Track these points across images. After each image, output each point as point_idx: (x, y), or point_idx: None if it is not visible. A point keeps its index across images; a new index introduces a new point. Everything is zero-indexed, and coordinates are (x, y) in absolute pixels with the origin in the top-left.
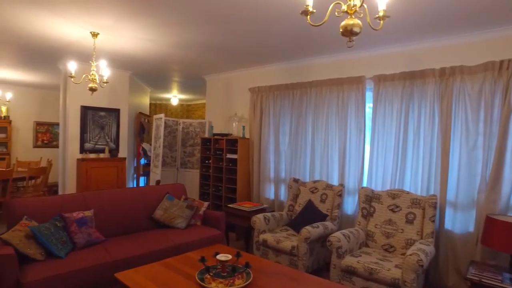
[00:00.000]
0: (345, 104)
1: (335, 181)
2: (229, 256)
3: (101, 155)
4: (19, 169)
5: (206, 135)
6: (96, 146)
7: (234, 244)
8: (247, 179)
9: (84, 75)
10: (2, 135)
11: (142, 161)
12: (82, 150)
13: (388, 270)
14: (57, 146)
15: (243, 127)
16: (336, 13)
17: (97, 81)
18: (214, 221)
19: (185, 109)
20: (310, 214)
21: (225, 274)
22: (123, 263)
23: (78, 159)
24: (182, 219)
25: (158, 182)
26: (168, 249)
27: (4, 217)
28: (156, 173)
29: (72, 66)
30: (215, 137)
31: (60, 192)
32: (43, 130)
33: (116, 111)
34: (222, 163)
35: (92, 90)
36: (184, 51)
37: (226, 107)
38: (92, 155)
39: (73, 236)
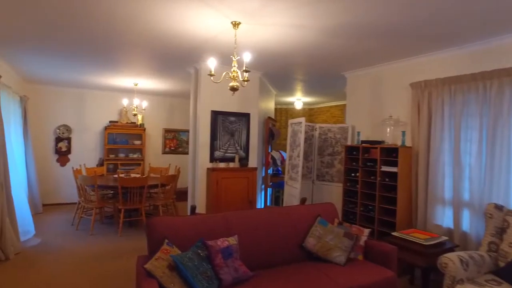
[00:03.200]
0: None
1: None
2: None
3: (231, 164)
4: (152, 174)
5: (349, 143)
6: (226, 154)
7: (398, 284)
8: (408, 198)
9: (224, 73)
10: (138, 142)
11: (270, 170)
12: (212, 158)
13: None
14: (182, 153)
15: (403, 132)
16: None
17: (240, 79)
18: (380, 256)
19: (307, 114)
20: None
21: None
22: None
23: (208, 169)
24: (341, 252)
25: (303, 200)
26: None
27: (144, 233)
28: (293, 187)
29: (211, 63)
30: (364, 145)
31: (190, 202)
32: (171, 137)
33: (246, 116)
34: (375, 177)
35: (234, 89)
36: (334, 39)
37: (375, 109)
38: (222, 164)
39: (218, 271)
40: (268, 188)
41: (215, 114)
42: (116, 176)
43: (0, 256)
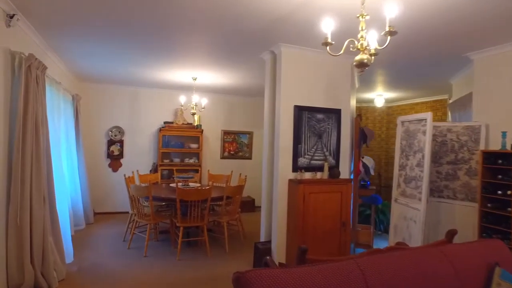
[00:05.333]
0: None
1: None
2: None
3: (318, 175)
4: (211, 183)
5: (483, 147)
6: (312, 161)
7: None
8: None
9: (348, 40)
10: (194, 145)
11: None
12: (296, 167)
13: None
14: (242, 157)
15: None
16: None
17: (372, 51)
18: None
19: (385, 113)
20: None
21: None
22: None
23: (290, 180)
24: None
25: (452, 234)
26: None
27: None
28: (412, 208)
29: (327, 25)
30: None
31: (264, 223)
32: (230, 140)
33: (337, 113)
34: None
35: (363, 65)
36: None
37: None
38: (308, 175)
39: None
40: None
41: (299, 111)
42: (173, 185)
43: (42, 285)
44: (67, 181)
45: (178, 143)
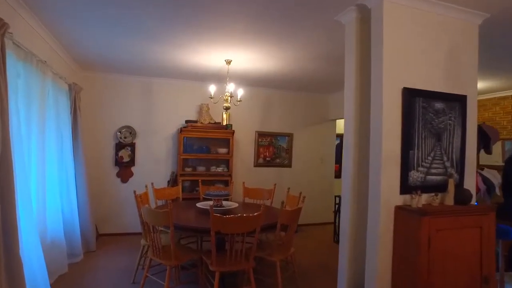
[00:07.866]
0: None
1: None
2: None
3: (439, 197)
4: (246, 199)
5: None
6: (428, 176)
7: None
8: None
9: None
10: (224, 150)
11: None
12: (406, 186)
13: None
14: (280, 165)
15: None
16: None
17: None
18: None
19: None
20: None
21: None
22: None
23: (399, 209)
24: None
25: None
26: None
27: None
28: None
29: None
30: None
31: (344, 276)
32: (266, 143)
33: (461, 101)
34: None
35: None
36: None
37: None
38: (424, 198)
39: None
40: None
41: (411, 96)
42: (201, 205)
43: None
44: (57, 200)
45: (203, 147)
